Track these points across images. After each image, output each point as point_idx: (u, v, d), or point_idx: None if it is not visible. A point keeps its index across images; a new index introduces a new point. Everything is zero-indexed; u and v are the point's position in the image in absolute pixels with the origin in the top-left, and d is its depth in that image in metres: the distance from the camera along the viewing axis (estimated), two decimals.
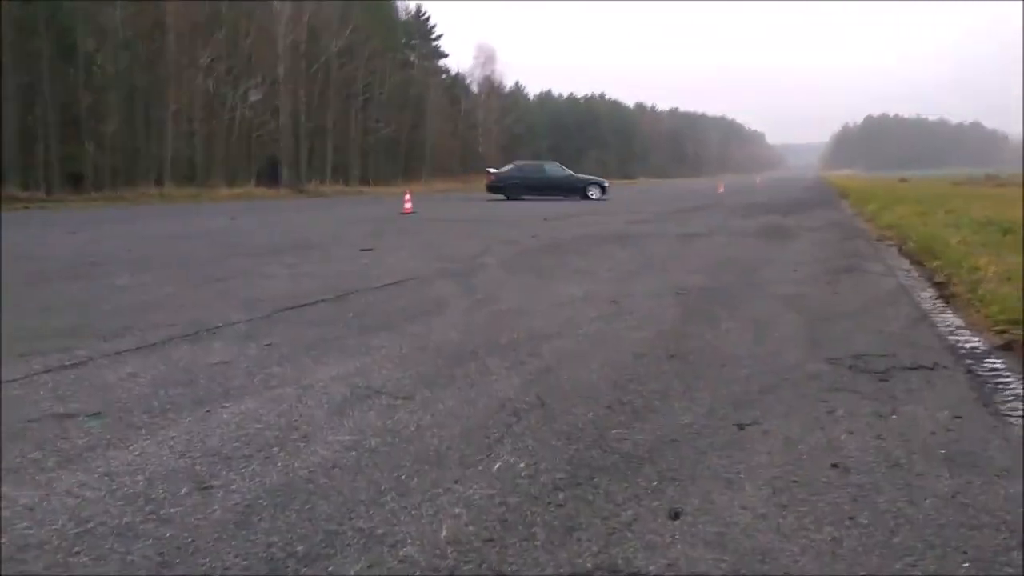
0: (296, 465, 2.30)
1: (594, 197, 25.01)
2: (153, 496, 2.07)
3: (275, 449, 2.44)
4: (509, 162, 30.46)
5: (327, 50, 42.56)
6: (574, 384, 3.18)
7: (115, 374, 3.35)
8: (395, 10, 55.56)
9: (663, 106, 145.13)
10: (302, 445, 2.48)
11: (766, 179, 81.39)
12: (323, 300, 5.32)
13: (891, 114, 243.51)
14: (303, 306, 5.10)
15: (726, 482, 2.15)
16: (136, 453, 2.39)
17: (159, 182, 32.27)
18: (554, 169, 27.21)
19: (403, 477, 2.18)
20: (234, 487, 2.14)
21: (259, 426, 2.66)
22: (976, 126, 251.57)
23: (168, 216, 18.49)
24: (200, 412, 2.83)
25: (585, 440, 2.50)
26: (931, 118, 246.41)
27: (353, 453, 2.39)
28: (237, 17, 36.75)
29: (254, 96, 40.05)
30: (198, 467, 2.29)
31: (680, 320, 4.61)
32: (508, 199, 24.44)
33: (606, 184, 26.81)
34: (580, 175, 27.54)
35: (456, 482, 2.14)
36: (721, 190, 33.08)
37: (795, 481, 2.15)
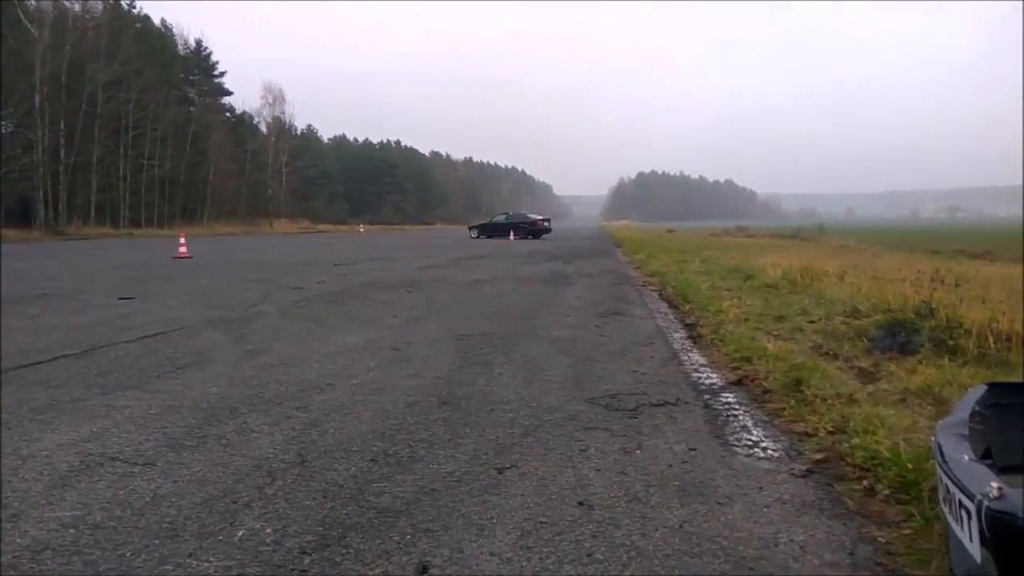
0: None
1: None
2: None
3: None
4: (302, 205, 32.45)
5: (93, 81, 38.91)
6: (340, 437, 3.08)
7: None
8: (172, 44, 52.29)
9: (457, 155, 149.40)
10: (10, 526, 2.16)
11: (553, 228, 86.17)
12: (65, 356, 4.75)
13: (660, 171, 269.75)
14: (38, 364, 4.51)
15: (478, 529, 2.17)
16: None
17: None
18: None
19: (127, 555, 1.96)
20: None
21: None
22: (730, 184, 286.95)
23: None
24: None
25: (343, 497, 2.41)
26: (693, 176, 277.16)
27: (72, 531, 2.12)
28: None
29: (5, 128, 35.58)
30: None
31: (457, 366, 4.66)
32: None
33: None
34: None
35: (189, 556, 1.96)
36: (511, 237, 34.42)
37: (543, 522, 2.22)
